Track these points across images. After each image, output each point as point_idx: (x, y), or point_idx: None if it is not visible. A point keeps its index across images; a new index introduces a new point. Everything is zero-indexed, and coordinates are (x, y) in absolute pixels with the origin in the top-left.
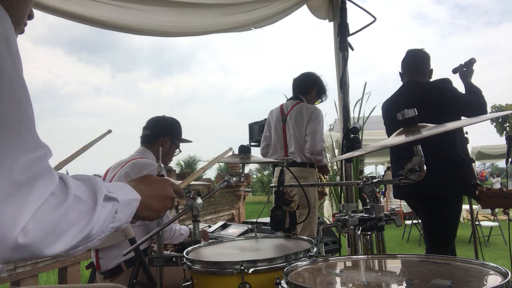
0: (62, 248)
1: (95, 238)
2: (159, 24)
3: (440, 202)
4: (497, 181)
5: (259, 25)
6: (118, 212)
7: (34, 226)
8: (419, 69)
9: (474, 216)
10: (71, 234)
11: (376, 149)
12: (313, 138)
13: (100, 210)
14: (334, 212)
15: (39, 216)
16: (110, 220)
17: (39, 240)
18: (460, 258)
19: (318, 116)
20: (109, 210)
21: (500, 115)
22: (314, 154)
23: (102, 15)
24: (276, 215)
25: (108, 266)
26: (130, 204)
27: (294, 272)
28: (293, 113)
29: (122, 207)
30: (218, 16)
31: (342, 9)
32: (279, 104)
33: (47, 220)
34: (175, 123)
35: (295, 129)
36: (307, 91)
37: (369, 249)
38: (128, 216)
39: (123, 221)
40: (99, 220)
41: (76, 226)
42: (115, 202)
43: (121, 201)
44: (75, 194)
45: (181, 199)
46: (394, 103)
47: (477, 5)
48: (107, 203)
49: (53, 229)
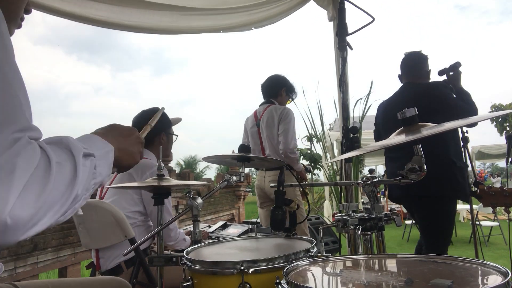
0: (53, 219)
1: (81, 198)
2: (159, 23)
3: (430, 203)
4: (497, 181)
5: (259, 25)
6: (97, 166)
7: (22, 206)
8: (416, 71)
9: (474, 216)
10: (60, 203)
11: (376, 149)
12: (285, 137)
13: (82, 169)
14: (334, 212)
15: (26, 193)
16: (92, 176)
17: (28, 219)
18: (460, 258)
19: (288, 115)
20: (88, 167)
21: (500, 115)
22: (288, 153)
23: (102, 14)
24: (276, 215)
25: (108, 266)
26: (106, 156)
27: (294, 272)
28: (264, 117)
29: (100, 161)
30: (218, 16)
31: (341, 9)
32: None
33: (35, 194)
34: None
35: (268, 131)
36: (277, 93)
37: (369, 249)
38: (107, 168)
39: (104, 174)
40: (82, 180)
41: (64, 193)
42: (92, 158)
43: (98, 155)
44: (57, 161)
45: (181, 200)
46: (391, 104)
47: (477, 5)
48: (86, 160)
49: (43, 202)
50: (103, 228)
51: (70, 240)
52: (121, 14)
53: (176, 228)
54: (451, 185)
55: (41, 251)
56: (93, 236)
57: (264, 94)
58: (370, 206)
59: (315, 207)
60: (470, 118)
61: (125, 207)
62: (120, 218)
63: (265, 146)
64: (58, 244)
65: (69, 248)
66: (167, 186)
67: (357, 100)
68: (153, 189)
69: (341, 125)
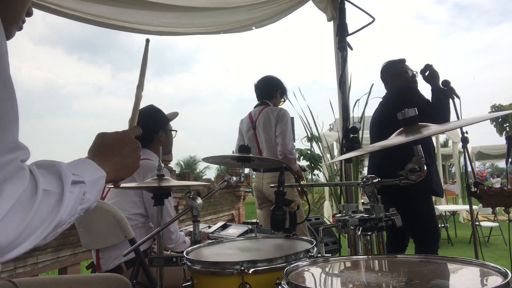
0: (31, 245)
1: (64, 223)
2: (159, 24)
3: (406, 201)
4: (497, 182)
5: (260, 25)
6: (86, 193)
7: (5, 230)
8: (392, 79)
9: (474, 216)
10: (41, 229)
11: (376, 149)
12: (283, 138)
13: (68, 197)
14: (334, 213)
15: (9, 218)
16: (79, 202)
17: (9, 243)
18: (460, 258)
19: (284, 117)
20: (76, 194)
21: (500, 115)
22: (286, 154)
23: (103, 15)
24: (276, 215)
25: (109, 266)
26: (97, 183)
27: (294, 272)
28: (261, 119)
29: (90, 187)
30: (219, 15)
31: (341, 9)
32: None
33: (17, 222)
34: (157, 113)
35: (265, 134)
36: (272, 94)
37: (369, 249)
38: (97, 194)
39: (92, 200)
40: (67, 207)
41: (45, 221)
42: (82, 185)
43: (88, 181)
44: (44, 188)
45: (181, 200)
46: (374, 114)
47: (476, 5)
48: (74, 187)
49: (23, 230)
50: (103, 229)
51: (70, 241)
52: (122, 15)
53: (177, 230)
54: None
55: (40, 252)
56: (93, 236)
57: (258, 95)
58: (370, 207)
59: (315, 208)
60: (472, 119)
61: (126, 209)
62: (120, 219)
63: (262, 148)
64: (58, 244)
65: (69, 249)
66: (167, 187)
67: (356, 100)
68: (153, 190)
69: (341, 125)
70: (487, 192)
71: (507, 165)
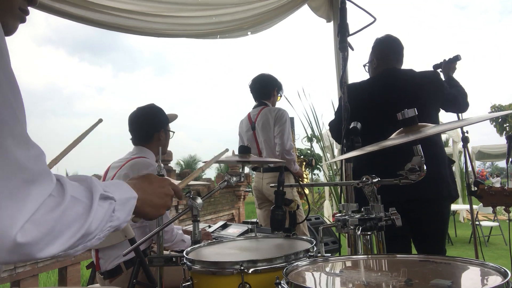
0: (59, 249)
1: (94, 237)
2: (159, 26)
3: (426, 205)
4: (497, 181)
5: (255, 30)
6: (116, 210)
7: (32, 228)
8: (397, 57)
9: (474, 216)
10: (67, 235)
11: (376, 149)
12: (281, 138)
13: (96, 209)
14: (334, 212)
15: (36, 218)
16: (108, 219)
17: (36, 242)
18: (460, 258)
19: (283, 117)
20: (106, 209)
21: (500, 115)
22: (284, 154)
23: (104, 16)
24: (276, 215)
25: (108, 266)
26: (127, 203)
27: (294, 272)
28: (259, 120)
29: (120, 206)
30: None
31: (342, 9)
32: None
33: (44, 222)
34: (158, 112)
35: (264, 135)
36: (269, 94)
37: (369, 249)
38: (127, 214)
39: (122, 219)
40: (96, 219)
41: (73, 227)
42: (112, 201)
43: (118, 199)
44: (72, 195)
45: (180, 200)
46: (369, 88)
47: (476, 5)
48: (104, 202)
49: (50, 231)
50: None
51: None
52: (120, 16)
53: (172, 229)
54: (446, 186)
55: None
56: None
57: (255, 96)
58: (370, 206)
59: (315, 207)
60: (472, 119)
61: None
62: None
63: (262, 148)
64: None
65: None
66: None
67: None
68: None
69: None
70: (487, 192)
71: (508, 165)
